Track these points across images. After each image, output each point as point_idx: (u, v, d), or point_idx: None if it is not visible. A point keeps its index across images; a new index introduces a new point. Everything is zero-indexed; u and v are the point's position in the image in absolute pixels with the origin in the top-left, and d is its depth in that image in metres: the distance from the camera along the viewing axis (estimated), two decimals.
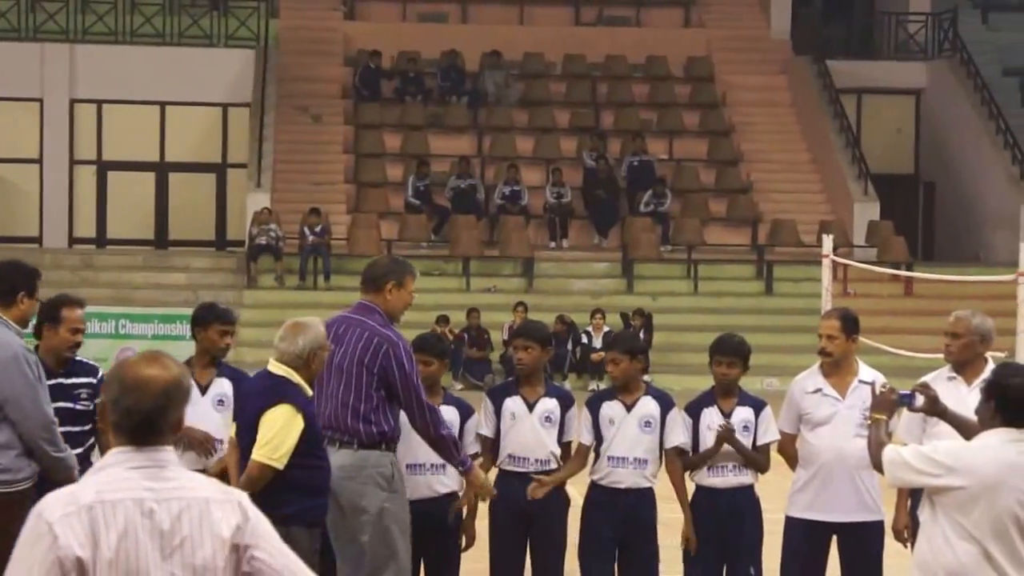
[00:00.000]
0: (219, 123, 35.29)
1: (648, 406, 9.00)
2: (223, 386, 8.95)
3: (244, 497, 4.34)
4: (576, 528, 9.09)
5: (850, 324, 8.97)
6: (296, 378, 7.85)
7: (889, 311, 28.16)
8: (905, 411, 7.81)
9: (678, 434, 9.03)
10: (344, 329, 8.38)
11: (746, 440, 9.04)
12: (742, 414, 9.08)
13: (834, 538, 9.04)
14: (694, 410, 9.14)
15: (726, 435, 8.94)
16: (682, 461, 9.03)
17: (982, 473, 6.35)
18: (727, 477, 9.02)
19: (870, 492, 8.90)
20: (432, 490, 8.82)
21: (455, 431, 8.77)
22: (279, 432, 7.71)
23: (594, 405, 9.07)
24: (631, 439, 8.93)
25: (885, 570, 9.15)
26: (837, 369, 8.96)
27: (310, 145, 33.41)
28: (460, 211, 31.45)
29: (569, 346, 26.40)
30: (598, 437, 9.00)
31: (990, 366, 8.66)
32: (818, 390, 8.96)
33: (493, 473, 9.05)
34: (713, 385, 9.21)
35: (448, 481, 8.85)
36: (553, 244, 31.80)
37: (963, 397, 8.12)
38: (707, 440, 9.04)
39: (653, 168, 33.16)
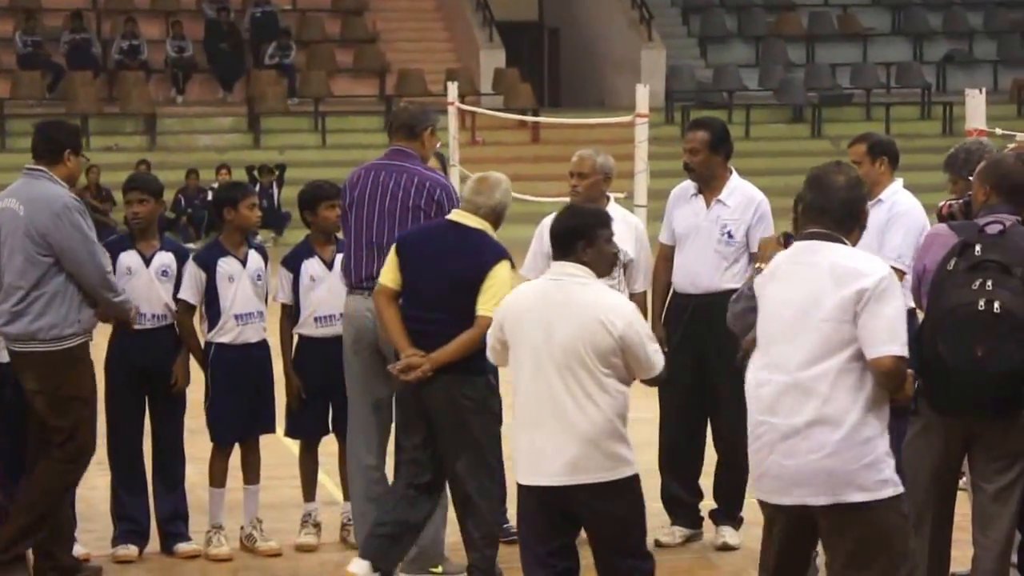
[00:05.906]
0: None
1: None
2: None
3: None
4: None
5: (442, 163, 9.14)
6: (492, 232, 7.73)
7: (517, 158, 28.38)
8: None
9: None
10: (385, 175, 8.25)
11: None
12: None
13: None
14: (290, 263, 8.95)
15: None
16: None
17: (509, 319, 6.56)
18: (335, 327, 8.71)
19: None
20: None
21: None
22: (506, 290, 7.31)
23: None
24: None
25: None
26: None
27: None
28: (76, 67, 30.36)
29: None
30: None
31: (612, 204, 8.73)
32: None
33: None
34: None
35: None
36: (180, 99, 31.08)
37: None
38: None
39: (277, 19, 32.62)
